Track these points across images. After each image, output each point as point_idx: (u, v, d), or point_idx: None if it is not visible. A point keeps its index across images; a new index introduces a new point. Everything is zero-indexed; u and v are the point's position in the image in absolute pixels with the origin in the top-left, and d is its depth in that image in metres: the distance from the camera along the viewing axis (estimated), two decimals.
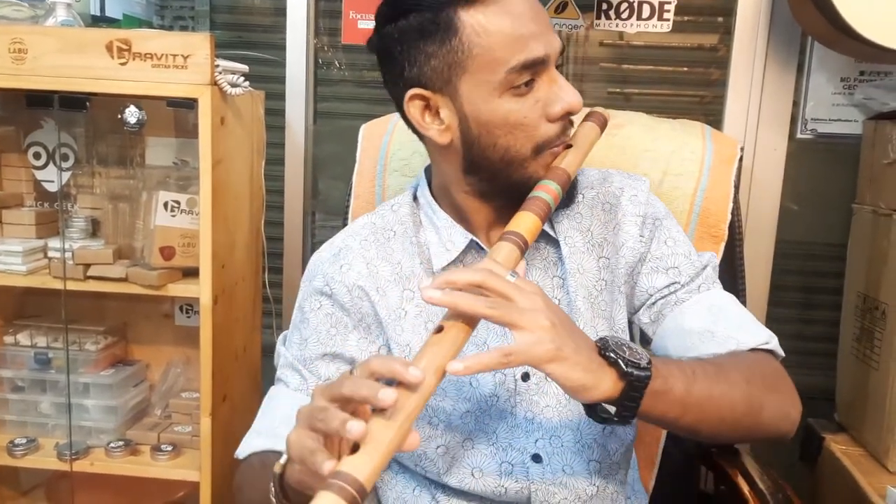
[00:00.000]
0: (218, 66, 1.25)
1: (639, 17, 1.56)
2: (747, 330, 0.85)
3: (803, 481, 1.40)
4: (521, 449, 0.84)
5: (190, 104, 1.24)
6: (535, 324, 0.65)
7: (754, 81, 1.55)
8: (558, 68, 0.81)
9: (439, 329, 0.66)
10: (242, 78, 1.32)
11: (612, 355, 0.68)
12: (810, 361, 1.59)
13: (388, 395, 0.58)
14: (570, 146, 0.83)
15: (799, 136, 1.57)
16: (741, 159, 1.16)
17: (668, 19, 1.55)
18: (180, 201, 1.36)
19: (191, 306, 1.53)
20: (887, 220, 1.32)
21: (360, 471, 0.56)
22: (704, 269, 0.90)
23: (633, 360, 0.68)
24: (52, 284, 1.35)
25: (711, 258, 0.92)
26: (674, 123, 1.22)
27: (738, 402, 0.76)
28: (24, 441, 1.42)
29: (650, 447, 1.16)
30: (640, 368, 0.68)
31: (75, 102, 1.27)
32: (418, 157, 1.17)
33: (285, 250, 1.71)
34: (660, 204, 0.93)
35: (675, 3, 1.54)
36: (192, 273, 1.34)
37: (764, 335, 0.85)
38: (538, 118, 0.79)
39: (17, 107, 1.41)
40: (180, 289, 1.35)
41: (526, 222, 0.76)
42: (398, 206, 0.93)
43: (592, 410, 0.71)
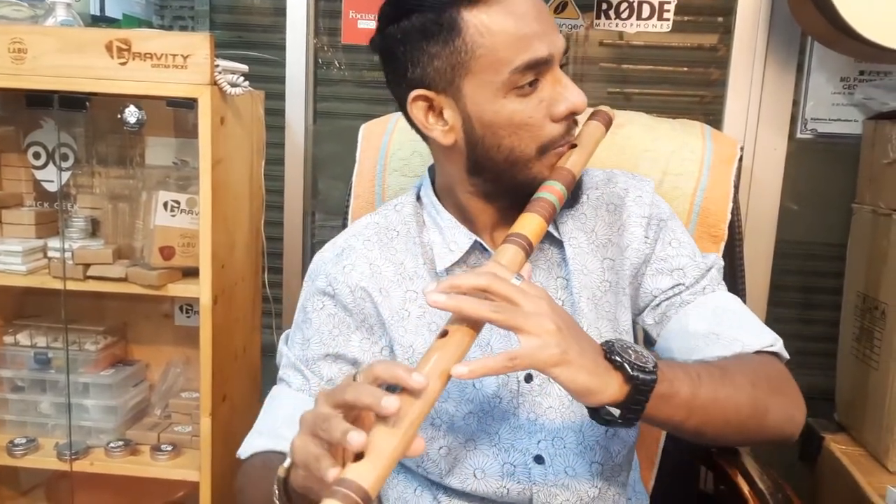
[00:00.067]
0: (218, 65, 1.25)
1: (639, 17, 1.56)
2: (752, 332, 0.85)
3: (803, 481, 1.40)
4: (523, 450, 0.84)
5: (190, 104, 1.24)
6: (540, 328, 0.65)
7: (754, 81, 1.55)
8: (563, 68, 0.80)
9: (443, 333, 0.65)
10: (242, 78, 1.32)
11: (618, 359, 0.68)
12: (810, 361, 1.59)
13: (390, 404, 0.57)
14: (574, 146, 0.82)
15: (799, 135, 1.57)
16: (741, 159, 1.16)
17: (667, 19, 1.55)
18: (180, 201, 1.36)
19: (191, 306, 1.53)
20: (887, 220, 1.32)
21: (365, 478, 0.55)
22: (709, 270, 0.89)
23: (639, 363, 0.67)
24: (51, 284, 1.35)
25: (716, 260, 0.91)
26: (674, 123, 1.21)
27: (744, 405, 0.76)
28: (24, 441, 1.42)
29: (650, 447, 1.16)
30: (646, 372, 0.67)
31: (75, 102, 1.27)
32: (418, 157, 1.17)
33: (285, 250, 1.71)
34: (664, 205, 0.92)
35: (675, 2, 1.54)
36: (191, 273, 1.34)
37: (769, 338, 0.85)
38: (542, 118, 0.78)
39: (17, 107, 1.41)
40: (180, 289, 1.35)
41: (531, 224, 0.75)
42: (401, 205, 0.93)
43: (596, 413, 0.71)
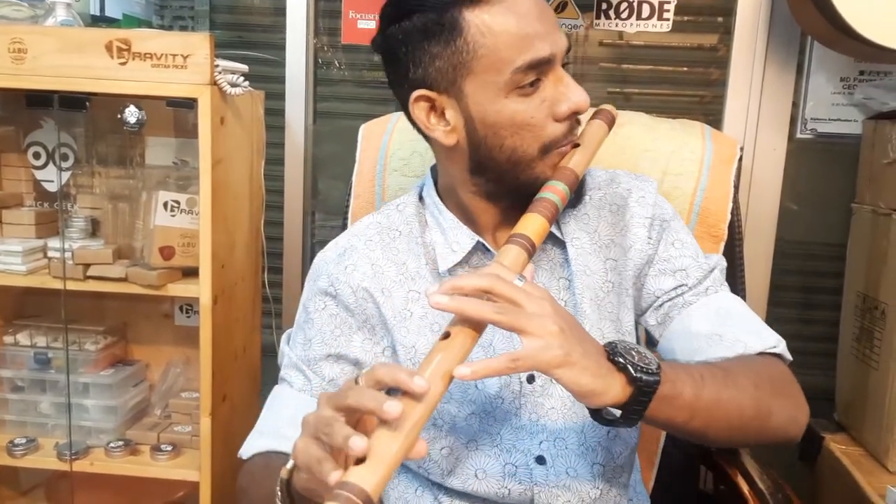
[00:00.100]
0: (217, 65, 1.25)
1: (638, 17, 1.56)
2: (755, 333, 0.85)
3: (803, 481, 1.40)
4: (524, 451, 0.83)
5: (189, 104, 1.24)
6: (543, 329, 0.64)
7: (754, 81, 1.55)
8: (565, 67, 0.80)
9: (446, 335, 0.65)
10: (242, 78, 1.32)
11: (621, 360, 0.67)
12: (810, 361, 1.59)
13: (393, 408, 0.57)
14: (577, 145, 0.82)
15: (799, 135, 1.57)
16: (741, 159, 1.16)
17: (667, 19, 1.55)
18: (180, 201, 1.36)
19: (190, 306, 1.53)
20: (887, 220, 1.32)
21: (367, 481, 0.55)
22: (712, 271, 0.89)
23: (643, 365, 0.67)
24: (51, 284, 1.35)
25: (719, 261, 0.91)
26: (673, 123, 1.21)
27: (747, 406, 0.75)
28: (24, 441, 1.42)
29: (650, 447, 1.16)
30: (650, 373, 0.67)
31: (75, 102, 1.27)
32: (418, 157, 1.18)
33: (285, 250, 1.71)
34: (667, 205, 0.92)
35: (675, 2, 1.54)
36: (191, 273, 1.34)
37: (772, 339, 0.85)
38: (545, 118, 0.78)
39: (17, 107, 1.41)
40: (180, 289, 1.35)
41: (533, 224, 0.75)
42: (404, 205, 0.93)
43: (597, 413, 0.71)
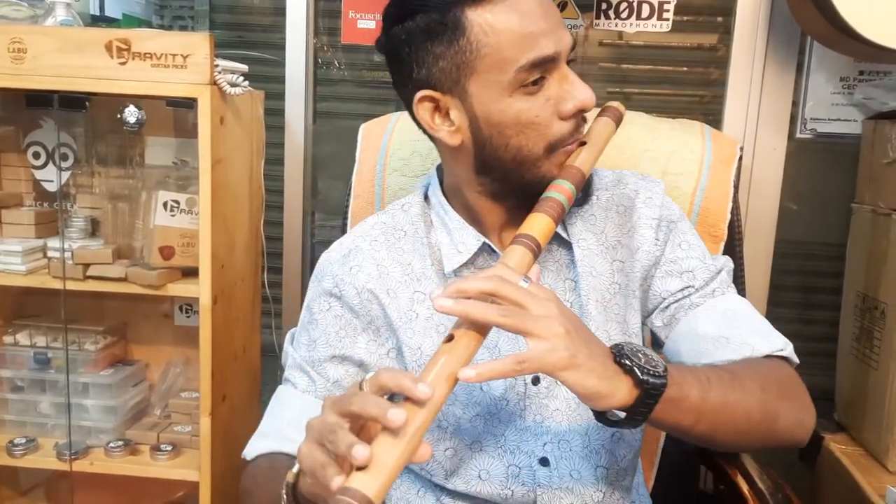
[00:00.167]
0: (217, 65, 1.25)
1: (638, 17, 1.56)
2: (762, 336, 0.84)
3: (803, 481, 1.40)
4: (528, 452, 0.83)
5: (189, 104, 1.24)
6: (548, 331, 0.64)
7: (754, 81, 1.55)
8: (570, 64, 0.79)
9: (450, 338, 0.65)
10: (242, 78, 1.32)
11: (628, 362, 0.67)
12: (810, 361, 1.57)
13: (397, 416, 0.57)
14: (583, 143, 0.81)
15: (798, 135, 1.57)
16: (740, 159, 1.16)
17: (667, 19, 1.55)
18: (180, 201, 1.36)
19: (190, 306, 1.53)
20: (886, 220, 1.32)
21: (369, 487, 0.55)
22: (719, 273, 0.88)
23: (649, 367, 0.66)
24: (51, 284, 1.35)
25: (726, 262, 0.91)
26: (673, 123, 1.21)
27: (754, 409, 0.75)
28: (24, 441, 1.41)
29: (650, 447, 1.16)
30: (656, 376, 0.66)
31: (75, 102, 1.27)
32: (418, 157, 1.17)
33: (285, 250, 1.71)
34: (675, 206, 0.91)
35: (675, 2, 1.54)
36: (191, 273, 1.34)
37: (779, 342, 0.84)
38: (550, 116, 0.78)
39: (17, 106, 1.41)
40: (180, 289, 1.35)
41: (539, 224, 0.74)
42: (409, 205, 0.92)
43: (601, 414, 0.70)
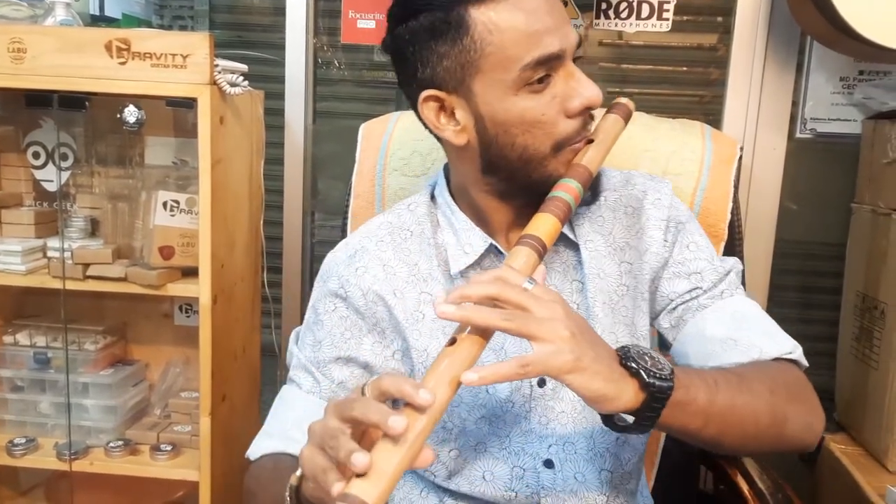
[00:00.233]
0: (217, 65, 1.25)
1: (638, 17, 1.56)
2: (771, 338, 0.83)
3: (803, 481, 1.40)
4: (533, 454, 0.83)
5: (189, 104, 1.24)
6: (553, 334, 0.63)
7: (753, 81, 1.55)
8: (576, 62, 0.78)
9: (452, 341, 0.64)
10: (242, 77, 1.32)
11: (634, 365, 0.66)
12: (809, 361, 1.57)
13: (397, 424, 0.56)
14: (591, 141, 0.80)
15: (798, 135, 1.57)
16: (740, 159, 1.16)
17: (667, 19, 1.55)
18: (179, 201, 1.36)
19: (190, 306, 1.53)
20: (886, 220, 1.32)
21: (369, 493, 0.55)
22: (727, 274, 0.87)
23: (655, 370, 0.66)
24: (51, 284, 1.35)
25: (735, 264, 0.90)
26: (673, 123, 1.21)
27: (762, 413, 0.74)
28: (24, 441, 1.41)
29: (650, 447, 1.15)
30: (663, 379, 0.65)
31: (74, 102, 1.27)
32: (418, 157, 1.17)
33: (284, 250, 1.71)
34: (683, 207, 0.91)
35: (675, 2, 1.54)
36: (191, 273, 1.34)
37: (788, 345, 0.83)
38: (556, 115, 0.77)
39: (17, 106, 1.41)
40: (179, 288, 1.35)
41: (545, 225, 0.74)
42: (415, 205, 0.92)
43: (609, 419, 0.69)
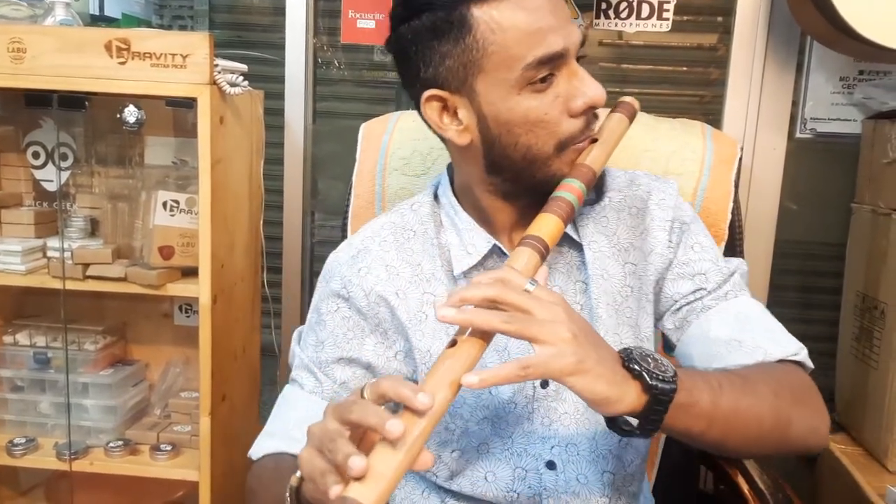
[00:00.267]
0: (217, 65, 1.25)
1: (638, 17, 1.56)
2: (776, 340, 0.83)
3: (803, 481, 1.40)
4: (535, 455, 0.83)
5: (189, 104, 1.24)
6: (555, 336, 0.63)
7: (753, 81, 1.55)
8: (580, 61, 0.78)
9: (453, 343, 0.64)
10: (241, 77, 1.32)
11: (637, 367, 0.65)
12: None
13: (395, 428, 0.56)
14: (595, 141, 0.79)
15: (798, 135, 1.57)
16: (740, 159, 1.16)
17: (667, 19, 1.55)
18: (179, 201, 1.36)
19: (190, 306, 1.53)
20: (886, 220, 1.32)
21: (367, 497, 0.55)
22: (732, 275, 0.87)
23: (658, 372, 0.65)
24: (51, 284, 1.35)
25: (740, 265, 0.89)
26: (674, 123, 1.21)
27: (766, 415, 0.73)
28: (24, 441, 1.41)
29: (651, 447, 1.15)
30: (666, 381, 0.65)
31: (74, 102, 1.27)
32: (418, 157, 1.17)
33: (284, 250, 1.71)
34: (687, 207, 0.90)
35: (675, 2, 1.54)
36: (191, 273, 1.34)
37: (793, 346, 0.83)
38: (559, 114, 0.76)
39: (16, 106, 1.40)
40: (179, 288, 1.35)
41: (547, 225, 0.73)
42: (419, 205, 0.91)
43: (614, 423, 0.69)
